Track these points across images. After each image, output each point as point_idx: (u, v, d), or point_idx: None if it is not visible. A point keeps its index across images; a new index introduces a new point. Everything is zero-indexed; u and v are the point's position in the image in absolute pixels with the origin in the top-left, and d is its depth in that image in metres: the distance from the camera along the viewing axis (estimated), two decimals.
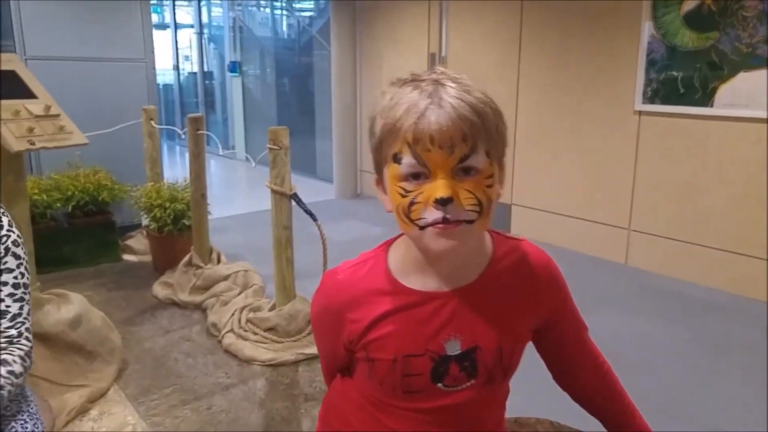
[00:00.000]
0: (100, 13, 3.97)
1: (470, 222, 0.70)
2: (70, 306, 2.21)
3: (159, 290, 3.14)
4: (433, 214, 0.69)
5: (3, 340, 1.09)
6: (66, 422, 1.95)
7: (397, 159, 0.70)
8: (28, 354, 1.12)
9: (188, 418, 2.07)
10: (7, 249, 1.12)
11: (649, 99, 3.46)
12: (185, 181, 3.55)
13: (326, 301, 0.85)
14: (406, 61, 5.06)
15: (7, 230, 1.12)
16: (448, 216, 0.69)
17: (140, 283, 3.30)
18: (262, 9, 8.52)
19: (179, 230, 3.34)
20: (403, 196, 0.71)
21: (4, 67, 2.42)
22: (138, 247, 3.76)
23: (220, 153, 3.32)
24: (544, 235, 3.93)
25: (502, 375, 0.81)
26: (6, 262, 1.11)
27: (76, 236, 3.44)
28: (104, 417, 2.05)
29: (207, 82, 9.17)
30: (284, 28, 8.54)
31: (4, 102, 2.24)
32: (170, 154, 8.85)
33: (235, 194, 6.10)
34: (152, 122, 3.81)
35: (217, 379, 2.34)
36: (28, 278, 1.14)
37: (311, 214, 2.68)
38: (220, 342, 2.61)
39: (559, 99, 3.96)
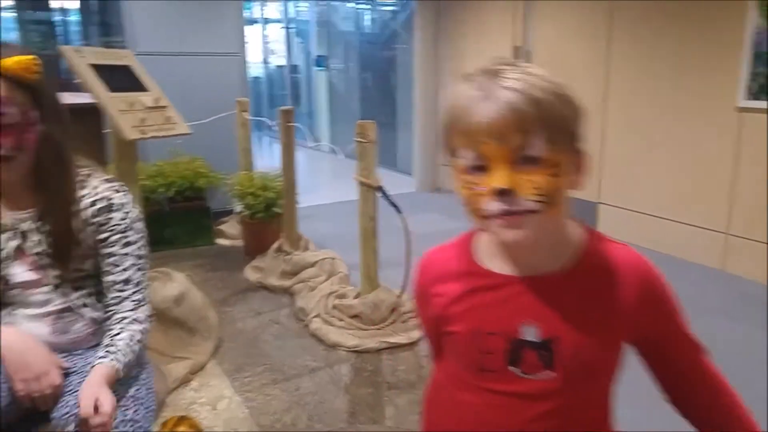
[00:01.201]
0: (199, 10, 4.21)
1: (534, 212, 0.70)
2: (174, 284, 2.39)
3: (250, 273, 3.31)
4: (495, 206, 0.71)
5: (131, 304, 1.21)
6: (171, 389, 2.12)
7: (457, 153, 0.73)
8: (150, 315, 1.25)
9: (278, 397, 2.18)
10: (132, 222, 1.23)
11: (754, 95, 3.24)
12: (275, 170, 3.72)
13: (418, 279, 0.92)
14: (489, 54, 4.99)
15: (132, 206, 1.25)
16: (509, 207, 0.70)
17: (233, 265, 3.49)
18: (345, 4, 8.68)
19: (270, 217, 3.50)
20: (467, 189, 0.73)
21: (120, 63, 2.63)
22: (231, 232, 3.97)
23: (310, 145, 3.43)
24: (633, 236, 3.78)
25: (584, 375, 0.79)
26: (130, 235, 1.23)
27: (175, 219, 3.69)
28: (203, 388, 2.20)
29: (293, 75, 9.45)
30: (367, 22, 8.67)
31: (120, 94, 2.44)
32: (258, 144, 9.21)
33: (321, 184, 6.27)
34: (245, 114, 4.00)
35: (305, 361, 2.45)
36: (147, 251, 1.27)
37: (396, 207, 2.73)
38: (307, 326, 2.72)
39: (651, 93, 3.78)
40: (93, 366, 1.11)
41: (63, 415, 1.11)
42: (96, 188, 1.21)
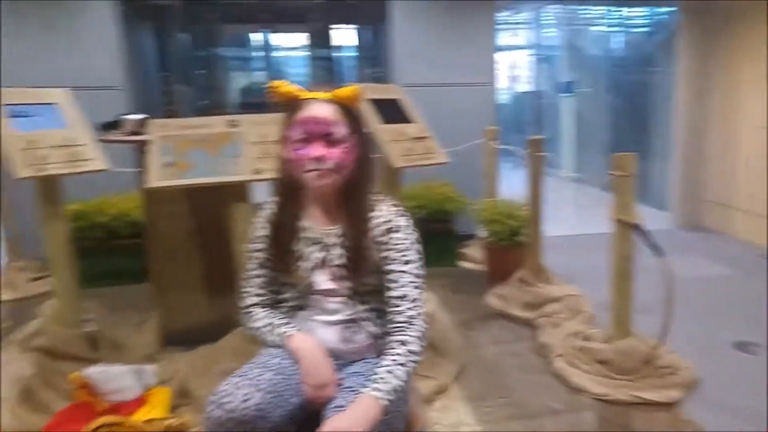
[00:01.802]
0: (455, 42, 4.42)
1: None
2: (427, 303, 2.51)
3: (492, 300, 3.32)
4: None
5: (403, 320, 1.31)
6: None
7: None
8: (424, 335, 1.32)
9: None
10: (411, 243, 1.35)
11: None
12: (518, 198, 3.70)
13: None
14: None
15: (412, 229, 1.37)
16: None
17: (474, 289, 3.55)
18: (593, 27, 8.30)
19: (513, 245, 3.48)
20: None
21: (390, 96, 2.90)
22: (473, 255, 4.05)
23: (562, 175, 3.33)
24: None
25: None
26: (409, 255, 1.34)
27: (424, 240, 3.88)
28: (445, 411, 2.26)
29: (538, 101, 9.34)
30: (618, 44, 8.15)
31: (390, 126, 2.68)
32: (500, 168, 9.28)
33: (564, 214, 6.04)
34: (493, 142, 4.07)
35: (546, 401, 2.36)
36: (424, 271, 1.37)
37: (657, 249, 2.49)
38: (549, 364, 2.62)
39: None
40: (363, 394, 1.20)
41: (333, 407, 1.24)
42: (384, 212, 1.36)
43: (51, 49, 3.91)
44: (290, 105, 1.33)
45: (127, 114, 2.65)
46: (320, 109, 1.30)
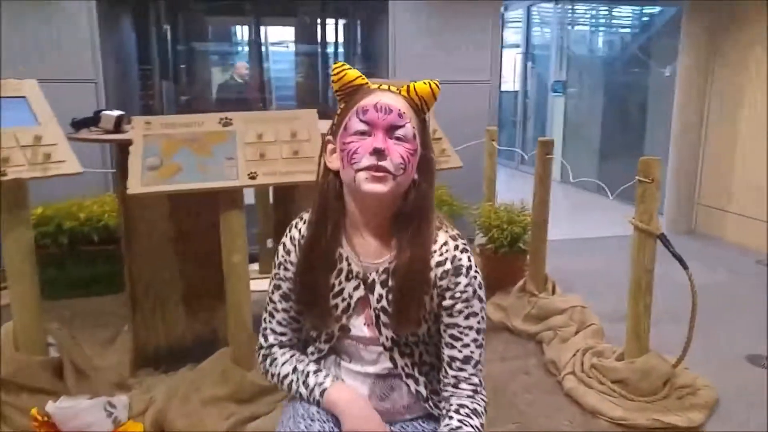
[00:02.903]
0: (455, 37, 4.24)
1: None
2: None
3: (492, 312, 3.15)
4: None
5: (469, 388, 1.09)
6: None
7: None
8: (487, 405, 1.11)
9: None
10: (476, 290, 1.08)
11: None
12: (522, 203, 3.54)
13: None
14: None
15: (475, 271, 1.09)
16: None
17: None
18: (577, 27, 8.23)
19: (514, 253, 3.32)
20: None
21: None
22: None
23: (572, 180, 3.18)
24: None
25: None
26: (474, 305, 1.08)
27: None
28: None
29: (525, 100, 9.25)
30: (609, 45, 8.09)
31: None
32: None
33: (553, 218, 5.90)
34: (494, 143, 3.90)
35: (560, 425, 2.20)
36: (486, 324, 1.12)
37: (681, 260, 2.35)
38: (559, 383, 2.46)
39: None
40: None
41: None
42: (444, 245, 1.08)
43: (19, 35, 3.60)
44: (349, 93, 1.07)
45: (103, 110, 2.40)
46: (390, 97, 1.04)
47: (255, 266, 3.54)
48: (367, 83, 1.08)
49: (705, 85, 4.89)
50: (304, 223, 1.14)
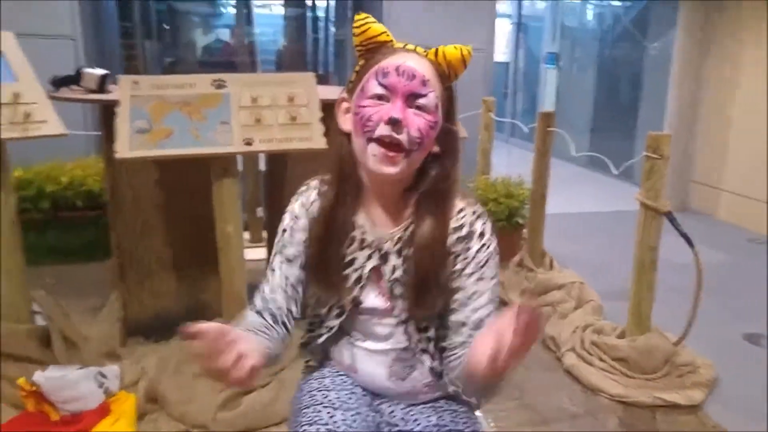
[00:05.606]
0: (453, 6, 4.10)
1: None
2: None
3: None
4: None
5: None
6: None
7: None
8: None
9: None
10: (490, 256, 1.02)
11: None
12: (519, 177, 3.47)
13: None
14: None
15: (492, 235, 1.03)
16: None
17: None
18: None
19: (512, 227, 3.25)
20: None
21: None
22: None
23: (574, 154, 3.09)
24: None
25: None
26: (486, 271, 1.01)
27: None
28: None
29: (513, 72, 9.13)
30: (592, 17, 7.96)
31: None
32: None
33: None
34: (490, 114, 3.80)
35: (561, 403, 2.16)
36: (498, 289, 1.05)
37: (687, 238, 2.31)
38: (559, 359, 2.42)
39: None
40: None
41: None
42: (460, 212, 1.01)
43: None
44: (370, 50, 0.97)
45: (85, 68, 2.24)
46: (414, 60, 0.94)
47: (246, 235, 3.43)
48: (391, 40, 0.98)
49: (701, 62, 4.82)
50: (315, 189, 1.06)
